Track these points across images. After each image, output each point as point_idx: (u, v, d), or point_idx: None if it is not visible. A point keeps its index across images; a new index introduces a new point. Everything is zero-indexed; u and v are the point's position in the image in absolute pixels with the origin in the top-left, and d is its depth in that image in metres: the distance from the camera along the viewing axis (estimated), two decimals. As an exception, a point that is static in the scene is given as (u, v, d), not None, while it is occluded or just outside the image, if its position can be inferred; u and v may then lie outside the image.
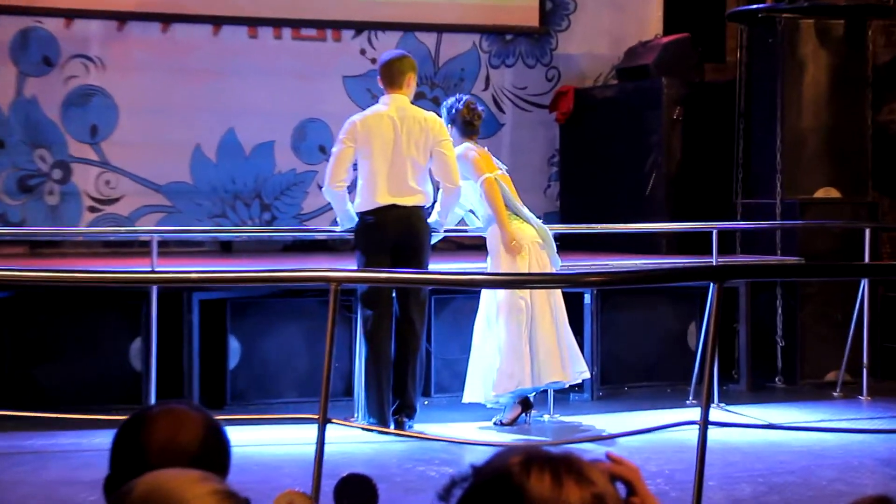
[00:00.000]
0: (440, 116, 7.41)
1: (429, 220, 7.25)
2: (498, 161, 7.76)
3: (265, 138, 9.93)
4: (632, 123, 10.02)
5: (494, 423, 7.32)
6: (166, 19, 9.69)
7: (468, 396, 7.32)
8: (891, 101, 10.44)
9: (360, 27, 10.07)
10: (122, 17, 9.61)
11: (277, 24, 9.91)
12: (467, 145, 7.50)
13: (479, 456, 1.81)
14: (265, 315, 7.97)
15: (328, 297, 4.61)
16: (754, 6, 9.75)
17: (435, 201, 7.31)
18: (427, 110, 7.45)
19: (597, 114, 10.33)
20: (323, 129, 9.96)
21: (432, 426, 7.23)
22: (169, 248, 8.94)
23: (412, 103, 7.35)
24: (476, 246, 8.21)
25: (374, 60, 9.96)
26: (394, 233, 7.07)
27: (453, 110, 7.54)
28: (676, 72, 9.90)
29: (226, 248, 9.63)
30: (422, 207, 7.19)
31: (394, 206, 7.08)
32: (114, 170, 9.63)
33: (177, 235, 9.11)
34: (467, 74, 10.38)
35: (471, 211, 7.65)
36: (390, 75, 7.27)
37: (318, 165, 9.90)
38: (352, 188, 7.29)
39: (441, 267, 7.53)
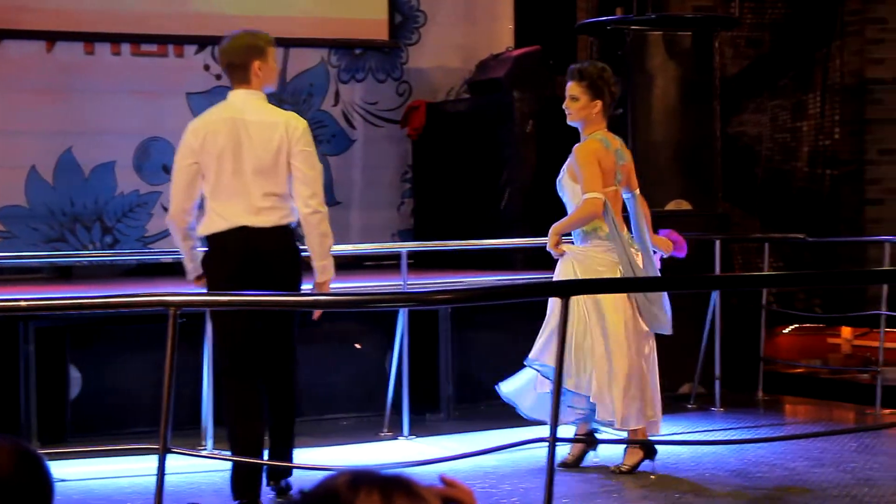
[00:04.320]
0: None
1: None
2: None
3: (105, 158, 9.81)
4: (485, 138, 10.10)
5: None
6: (-3, 34, 9.54)
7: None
8: (739, 113, 10.73)
9: (203, 42, 10.01)
10: (-52, 33, 9.44)
11: (116, 39, 9.81)
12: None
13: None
14: (108, 343, 7.86)
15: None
16: (603, 18, 9.92)
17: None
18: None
19: (449, 128, 10.40)
20: (167, 147, 9.84)
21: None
22: (4, 275, 8.79)
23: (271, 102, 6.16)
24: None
25: (218, 76, 9.93)
26: (244, 262, 5.80)
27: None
28: (528, 85, 10.00)
29: (65, 274, 9.48)
30: (281, 228, 5.88)
31: (242, 229, 5.80)
32: (-58, 194, 9.47)
33: (11, 262, 8.93)
34: (316, 90, 10.39)
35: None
36: (228, 67, 5.97)
37: (163, 186, 9.80)
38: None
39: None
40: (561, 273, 6.84)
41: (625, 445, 6.70)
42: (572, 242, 6.87)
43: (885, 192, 10.90)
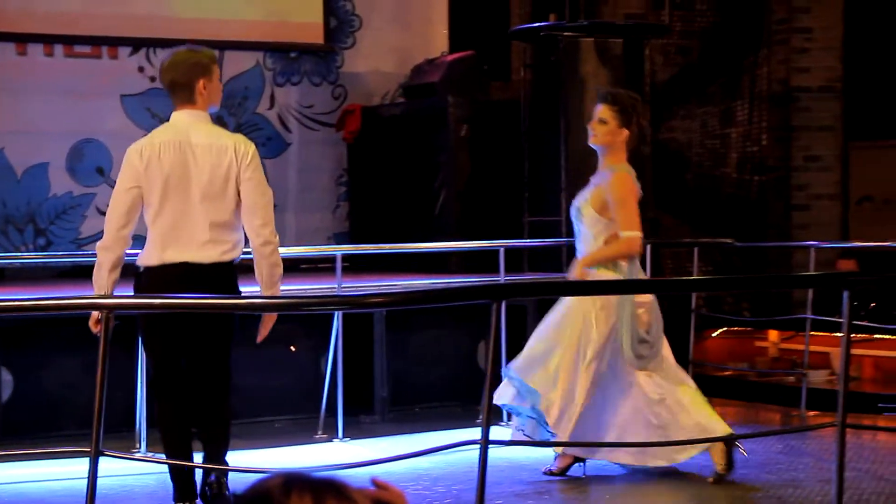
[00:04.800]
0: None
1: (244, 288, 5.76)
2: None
3: (38, 160, 9.73)
4: (420, 142, 10.12)
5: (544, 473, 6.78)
6: (-74, 36, 9.45)
7: None
8: (669, 119, 10.83)
9: (137, 44, 9.97)
10: None
11: (48, 40, 9.73)
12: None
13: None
14: (40, 345, 7.82)
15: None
16: (536, 25, 9.97)
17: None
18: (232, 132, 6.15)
19: (384, 132, 10.38)
20: (101, 149, 9.84)
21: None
22: (-64, 277, 8.72)
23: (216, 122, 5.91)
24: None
25: (153, 78, 9.89)
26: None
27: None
28: (463, 90, 10.00)
29: (-2, 276, 9.42)
30: (223, 265, 5.51)
31: (183, 265, 5.44)
32: None
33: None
34: (251, 93, 10.37)
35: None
36: (171, 86, 5.58)
37: (97, 188, 9.79)
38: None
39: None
40: (575, 300, 6.66)
41: (555, 449, 6.67)
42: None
43: (811, 198, 11.05)
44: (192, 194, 5.45)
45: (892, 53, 10.97)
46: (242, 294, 5.67)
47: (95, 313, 5.37)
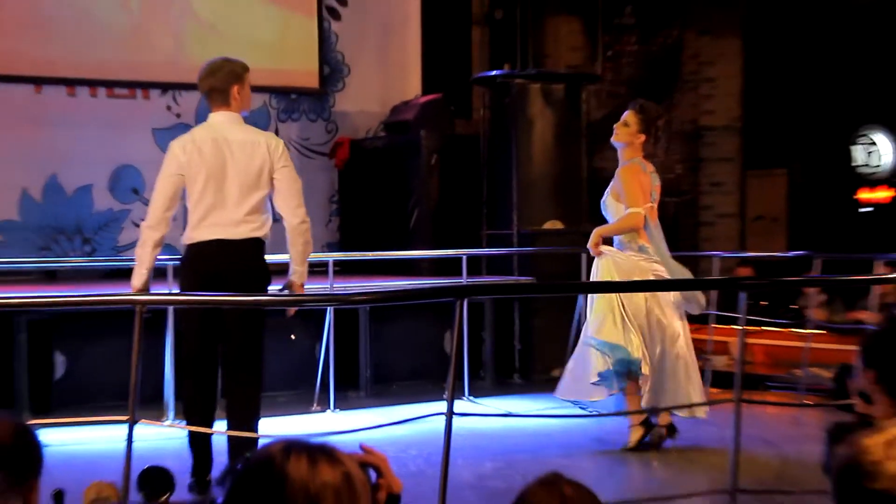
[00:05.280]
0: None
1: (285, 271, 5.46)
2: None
3: (84, 182, 9.72)
4: (397, 169, 10.11)
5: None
6: (-7, 80, 9.41)
7: None
8: (602, 150, 10.86)
9: (165, 87, 9.96)
10: (-49, 78, 9.29)
11: (93, 84, 9.72)
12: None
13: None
14: (86, 333, 7.79)
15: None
16: (493, 73, 10.01)
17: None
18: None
19: (368, 161, 10.39)
20: (135, 173, 9.83)
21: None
22: (1, 277, 8.67)
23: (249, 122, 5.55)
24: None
25: (178, 115, 9.91)
26: (214, 271, 5.23)
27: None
28: (433, 126, 10.02)
29: (51, 277, 9.37)
30: (253, 240, 5.29)
31: (217, 242, 5.24)
32: (-52, 211, 9.35)
33: (6, 266, 8.83)
34: (259, 127, 10.24)
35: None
36: (210, 91, 5.33)
37: (132, 205, 9.79)
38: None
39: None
40: (600, 269, 6.58)
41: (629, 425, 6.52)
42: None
43: (715, 217, 11.09)
44: (228, 182, 5.23)
45: (780, 99, 11.07)
46: (270, 276, 5.40)
47: (142, 284, 5.24)
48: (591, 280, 6.70)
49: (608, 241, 6.66)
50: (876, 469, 1.61)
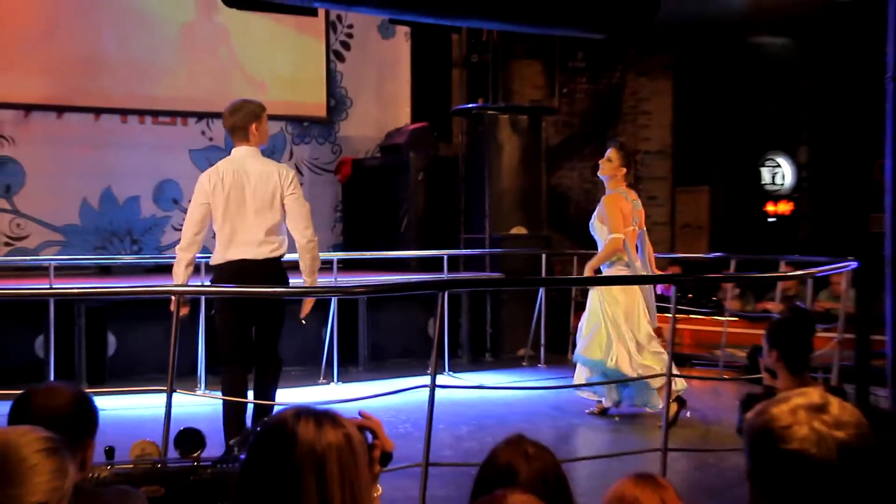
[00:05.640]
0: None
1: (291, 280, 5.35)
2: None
3: (133, 193, 9.67)
4: (390, 183, 10.08)
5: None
6: (60, 109, 9.36)
7: None
8: (558, 170, 10.89)
9: (200, 115, 9.91)
10: (28, 108, 9.25)
11: (142, 113, 9.68)
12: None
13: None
14: (134, 318, 7.76)
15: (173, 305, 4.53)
16: (469, 105, 10.02)
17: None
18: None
19: (367, 177, 10.35)
20: (175, 186, 9.79)
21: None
22: (64, 271, 8.63)
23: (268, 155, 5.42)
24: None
25: (211, 139, 9.87)
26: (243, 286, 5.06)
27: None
28: (420, 149, 10.00)
29: (105, 271, 9.31)
30: (272, 259, 5.14)
31: (242, 261, 5.09)
32: (23, 216, 9.27)
33: (69, 262, 8.78)
34: (277, 149, 10.30)
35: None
36: (232, 128, 5.22)
37: (172, 212, 9.75)
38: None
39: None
40: (594, 298, 6.38)
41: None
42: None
43: (651, 224, 10.99)
44: (247, 208, 5.10)
45: (703, 129, 11.10)
46: (289, 284, 5.33)
47: (173, 298, 5.12)
48: (587, 307, 6.44)
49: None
50: (786, 433, 1.61)
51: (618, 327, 6.25)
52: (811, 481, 1.58)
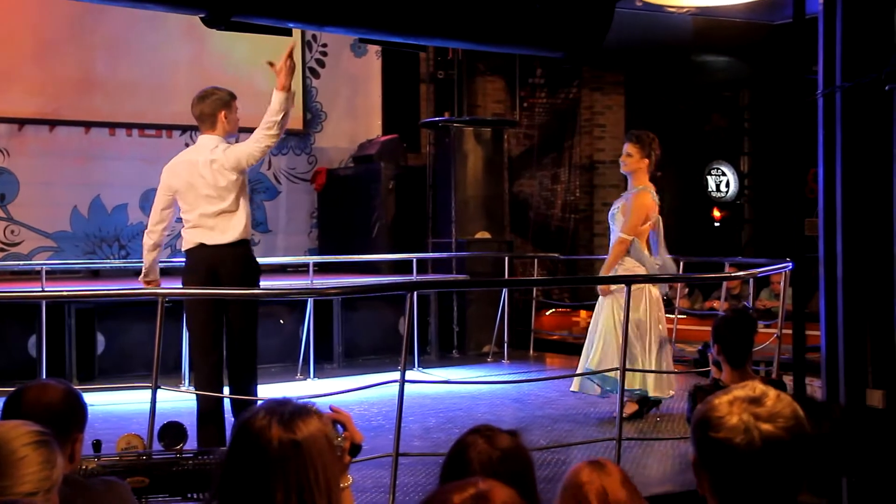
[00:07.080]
0: None
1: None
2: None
3: (121, 201, 9.56)
4: (363, 191, 10.03)
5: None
6: (52, 123, 9.25)
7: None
8: (519, 179, 10.92)
9: (184, 129, 9.80)
10: (22, 122, 9.15)
11: (128, 126, 9.58)
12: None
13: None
14: (121, 318, 7.70)
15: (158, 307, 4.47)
16: (436, 118, 10.01)
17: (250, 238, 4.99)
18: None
19: (341, 185, 10.30)
20: (160, 195, 9.71)
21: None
22: (56, 275, 8.53)
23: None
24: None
25: (194, 150, 9.78)
26: (207, 271, 4.84)
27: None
28: (390, 159, 9.96)
29: (95, 275, 9.22)
30: (234, 244, 4.83)
31: (203, 246, 4.82)
32: (16, 223, 9.16)
33: (60, 266, 8.68)
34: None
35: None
36: (200, 116, 4.88)
37: (158, 219, 9.67)
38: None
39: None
40: (605, 308, 5.98)
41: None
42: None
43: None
44: (202, 195, 4.79)
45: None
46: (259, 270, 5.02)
47: (144, 277, 5.01)
48: (594, 316, 6.05)
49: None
50: (719, 422, 1.63)
51: (634, 345, 5.76)
52: (736, 468, 1.59)
